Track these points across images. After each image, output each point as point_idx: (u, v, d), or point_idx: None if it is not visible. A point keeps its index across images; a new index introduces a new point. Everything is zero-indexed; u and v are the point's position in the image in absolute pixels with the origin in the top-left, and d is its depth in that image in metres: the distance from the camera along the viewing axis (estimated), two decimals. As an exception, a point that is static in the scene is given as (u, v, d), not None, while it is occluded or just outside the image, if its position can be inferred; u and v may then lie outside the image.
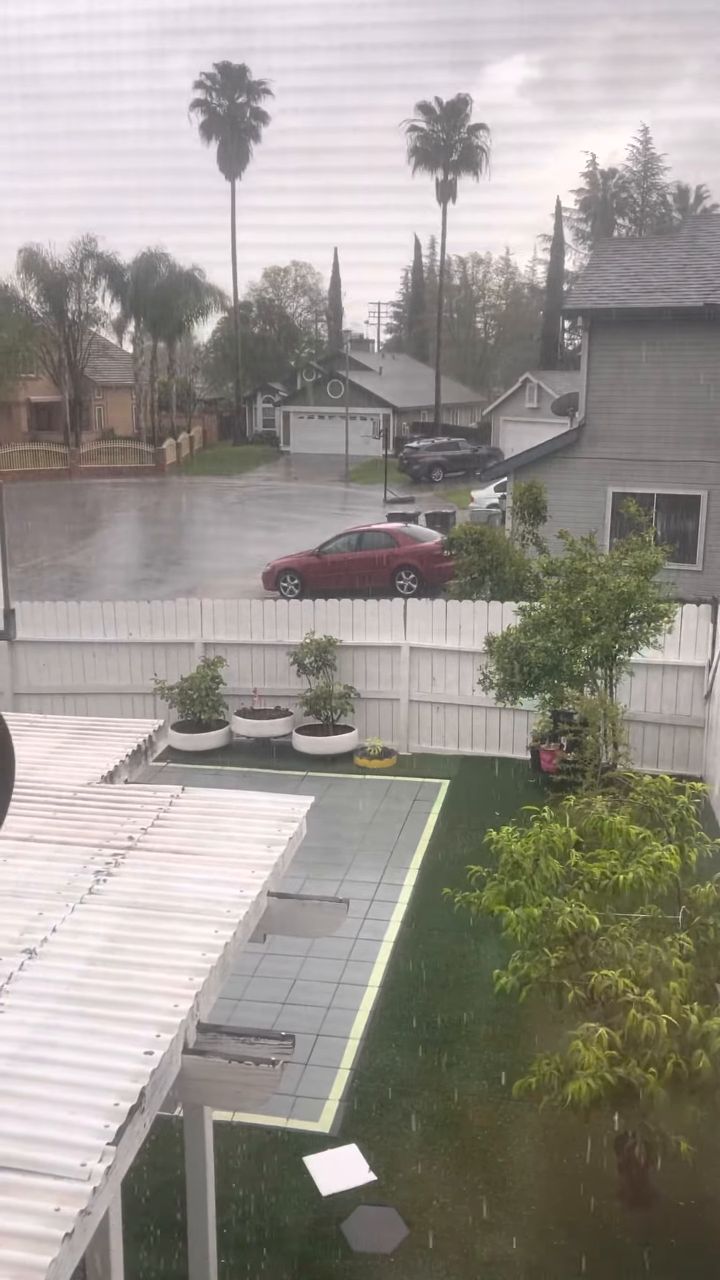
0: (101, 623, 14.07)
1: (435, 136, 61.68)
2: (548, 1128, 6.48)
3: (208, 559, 29.96)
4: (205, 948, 3.70)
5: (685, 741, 12.35)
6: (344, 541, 24.55)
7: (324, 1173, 6.32)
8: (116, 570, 28.60)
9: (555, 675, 10.33)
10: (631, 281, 20.86)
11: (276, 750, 13.42)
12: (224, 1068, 3.42)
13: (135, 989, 3.49)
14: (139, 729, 5.94)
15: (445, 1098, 6.95)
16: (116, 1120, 2.89)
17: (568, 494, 19.42)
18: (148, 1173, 5.96)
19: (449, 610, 13.39)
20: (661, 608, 10.18)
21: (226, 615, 13.99)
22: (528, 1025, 7.39)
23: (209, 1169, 4.56)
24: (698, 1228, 5.80)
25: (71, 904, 4.01)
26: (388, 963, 8.61)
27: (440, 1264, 5.66)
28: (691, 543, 19.73)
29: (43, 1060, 3.16)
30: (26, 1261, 2.46)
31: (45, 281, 52.95)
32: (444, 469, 46.56)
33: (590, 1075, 5.10)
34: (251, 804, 4.99)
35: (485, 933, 8.52)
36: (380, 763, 13.09)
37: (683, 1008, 5.40)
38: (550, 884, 5.92)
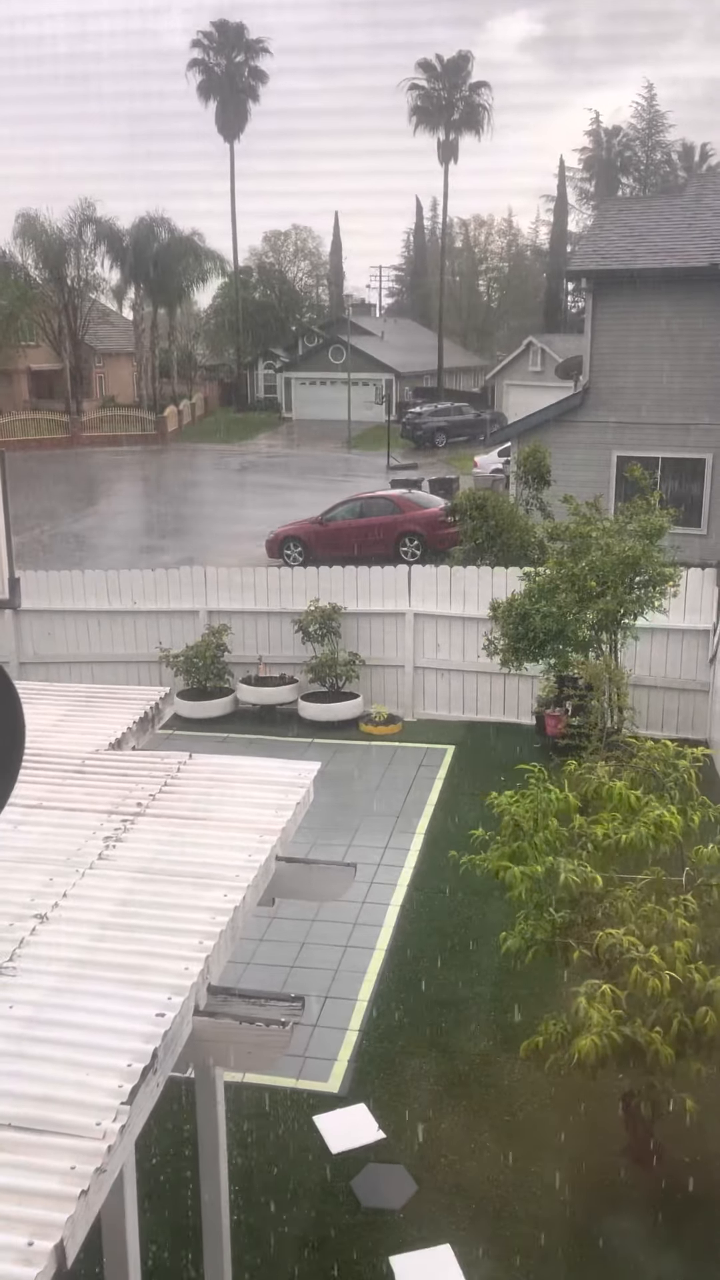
0: (106, 591, 14.07)
1: (436, 95, 60.77)
2: (554, 1087, 6.56)
3: (211, 527, 29.88)
4: (215, 911, 3.74)
5: (690, 705, 12.37)
6: (347, 509, 24.47)
7: (333, 1132, 6.42)
8: (120, 539, 28.56)
9: (560, 640, 10.33)
10: (636, 242, 20.61)
11: (282, 717, 13.46)
12: (235, 1029, 3.47)
13: (146, 953, 3.52)
14: (145, 696, 5.95)
15: (453, 1058, 7.04)
16: (130, 1081, 2.93)
17: (572, 458, 19.32)
18: (160, 1134, 6.06)
19: (453, 576, 13.37)
20: (667, 572, 10.16)
21: (231, 583, 13.98)
22: (534, 987, 7.47)
23: (220, 1128, 4.63)
24: (703, 1183, 5.89)
25: (81, 870, 4.04)
26: (394, 926, 8.69)
27: (448, 1219, 5.75)
28: (697, 507, 19.64)
29: (56, 1023, 3.20)
30: (43, 1219, 2.50)
31: (44, 248, 52.43)
32: (447, 434, 46.30)
33: (596, 1034, 5.16)
34: (258, 770, 5.01)
35: (491, 896, 8.59)
36: (385, 729, 13.13)
37: (688, 967, 5.46)
38: (552, 844, 5.96)
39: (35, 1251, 2.42)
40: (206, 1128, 4.60)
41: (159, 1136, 6.05)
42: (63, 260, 52.79)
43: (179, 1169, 5.74)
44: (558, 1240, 5.58)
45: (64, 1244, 2.46)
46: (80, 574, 14.29)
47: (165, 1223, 5.55)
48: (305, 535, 23.86)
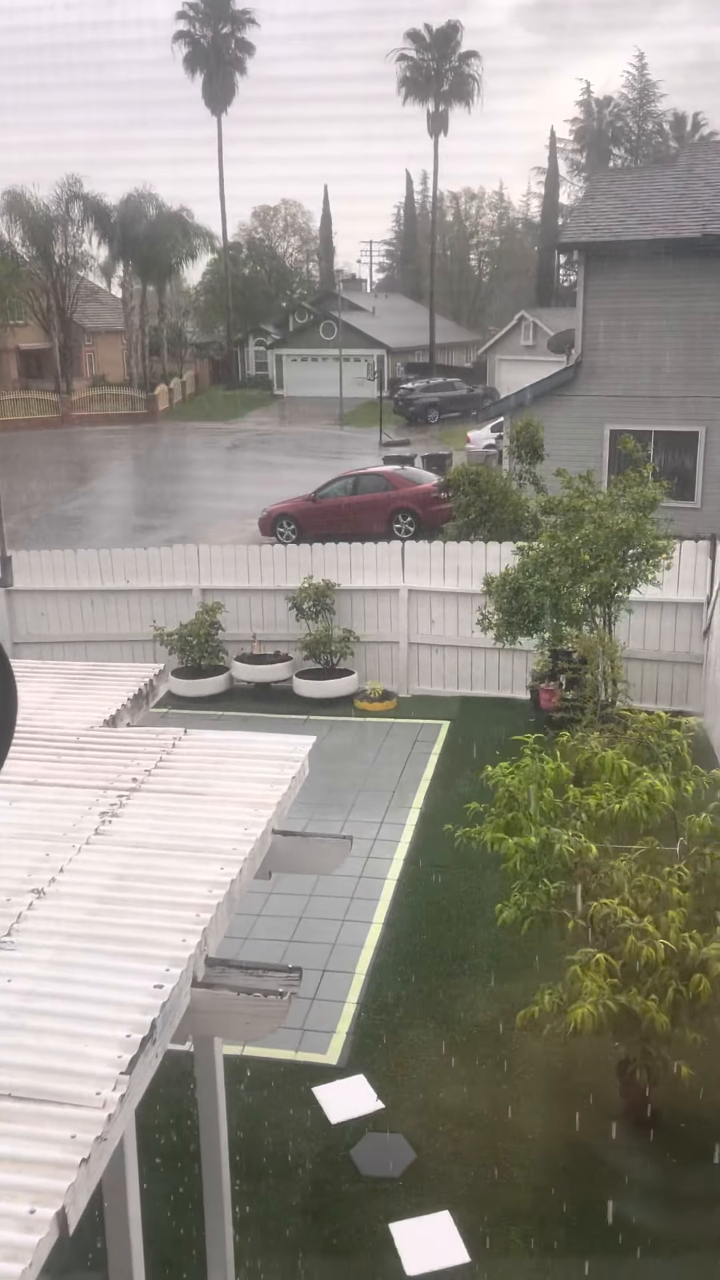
0: (99, 570, 14.04)
1: (425, 66, 60.09)
2: (551, 1056, 6.63)
3: (203, 506, 29.78)
4: (212, 884, 3.75)
5: (684, 678, 12.40)
6: (340, 485, 24.40)
7: (332, 1102, 6.48)
8: (112, 518, 28.47)
9: (554, 614, 10.33)
10: (628, 213, 20.47)
11: (277, 695, 13.48)
12: (232, 1000, 3.48)
13: (143, 925, 3.53)
14: (140, 674, 5.95)
15: (450, 1029, 7.10)
16: (129, 1051, 2.94)
17: (565, 432, 19.24)
18: (162, 1107, 6.10)
19: (447, 552, 13.35)
20: (660, 544, 10.16)
21: (224, 561, 13.96)
22: (530, 958, 7.52)
23: (220, 1098, 4.67)
24: (697, 1148, 5.96)
25: (78, 845, 4.05)
26: (391, 900, 8.73)
27: (446, 1186, 5.82)
28: (689, 480, 19.60)
29: (55, 995, 3.21)
30: (45, 1186, 2.52)
31: (30, 225, 51.86)
32: (440, 410, 46.10)
33: (592, 1003, 5.21)
34: (254, 745, 5.01)
35: (487, 869, 8.63)
36: (380, 705, 13.16)
37: (682, 935, 5.50)
38: (546, 815, 5.99)
39: (37, 1219, 2.44)
40: (206, 1098, 4.64)
41: (160, 1109, 6.10)
42: (50, 237, 52.26)
43: (181, 1141, 5.79)
44: (556, 1206, 5.65)
45: (65, 1211, 2.48)
46: (73, 553, 14.25)
47: (167, 1193, 5.61)
48: (298, 513, 23.79)
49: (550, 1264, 5.33)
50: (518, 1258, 5.38)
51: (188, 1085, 4.92)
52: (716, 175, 21.20)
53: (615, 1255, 5.35)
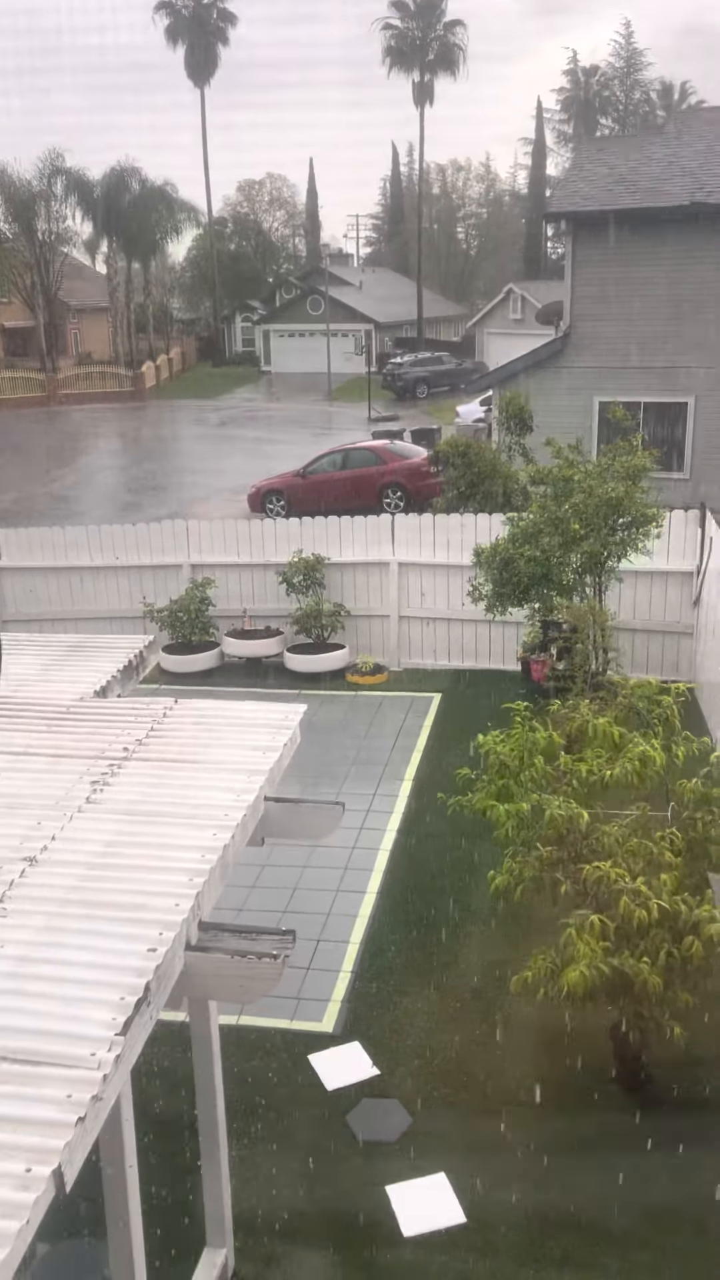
0: (88, 547, 13.98)
1: (410, 35, 59.42)
2: (545, 1020, 6.66)
3: (192, 483, 29.65)
4: (204, 849, 3.75)
5: (674, 647, 12.42)
6: (329, 461, 24.28)
7: (329, 1069, 6.52)
8: (100, 497, 28.32)
9: (544, 584, 10.33)
10: (616, 182, 20.30)
11: (268, 670, 13.46)
12: (226, 963, 3.49)
13: (137, 891, 3.53)
14: (130, 645, 5.92)
15: (445, 996, 7.14)
16: (123, 1013, 2.95)
17: (554, 405, 19.17)
18: (159, 1075, 6.14)
19: (437, 525, 13.32)
20: (650, 513, 10.14)
21: (213, 536, 13.90)
22: (524, 925, 7.56)
23: (216, 1062, 4.69)
24: (691, 1108, 6.02)
25: (70, 813, 4.04)
26: (385, 870, 8.77)
27: (443, 1149, 5.87)
28: (679, 451, 19.56)
29: (48, 960, 3.21)
30: (41, 1145, 2.53)
31: (12, 200, 51.28)
32: (428, 385, 45.87)
33: (585, 966, 5.24)
34: (245, 713, 5.01)
35: (480, 839, 8.65)
36: (372, 679, 13.16)
37: (674, 898, 5.53)
38: (538, 783, 6.00)
39: (33, 1177, 2.44)
40: (202, 1061, 4.66)
41: (157, 1077, 6.14)
42: (32, 213, 51.67)
43: (179, 1108, 5.83)
44: (551, 1166, 5.71)
45: (62, 1169, 2.49)
46: (62, 530, 14.18)
47: (166, 1159, 5.64)
48: (287, 488, 23.69)
49: (546, 1223, 5.38)
50: (513, 1217, 5.43)
51: (185, 1056, 4.94)
52: (704, 143, 21.03)
53: (609, 1214, 5.41)
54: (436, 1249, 5.28)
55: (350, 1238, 5.37)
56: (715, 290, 19.00)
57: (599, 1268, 5.14)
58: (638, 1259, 5.17)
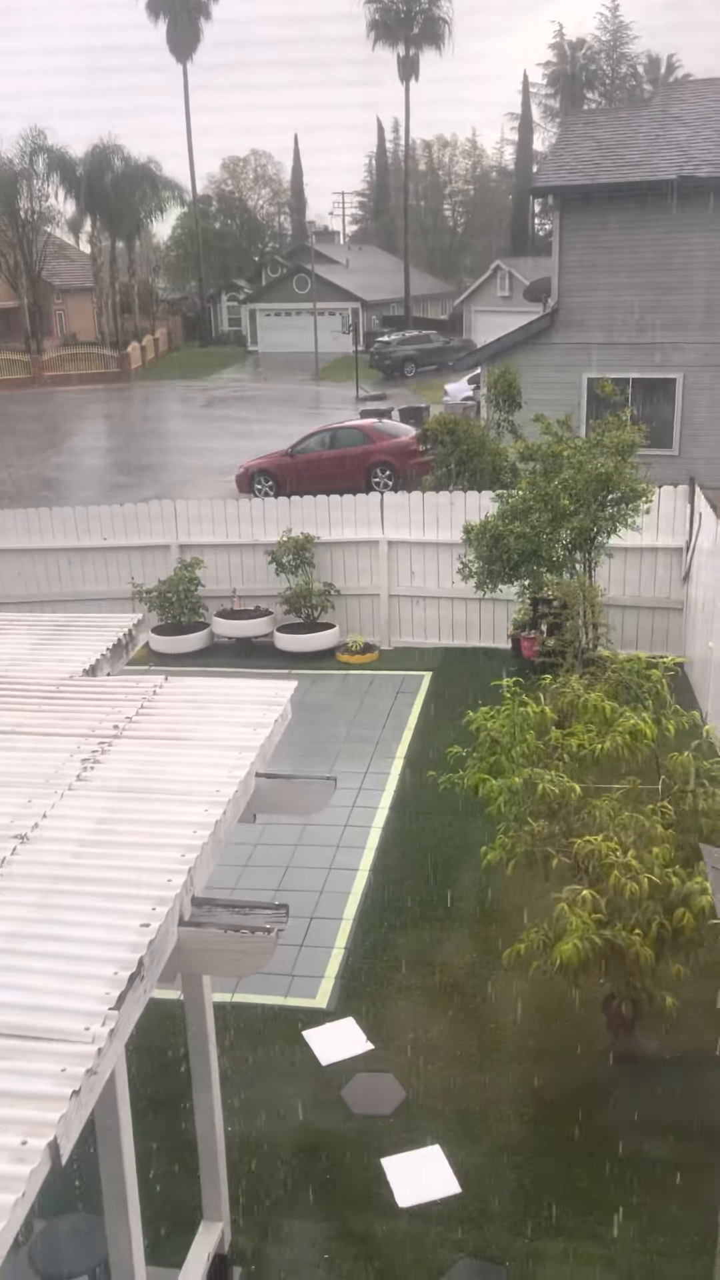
0: (75, 528, 13.91)
1: (395, 8, 58.77)
2: (538, 993, 6.71)
3: (179, 464, 29.50)
4: (197, 825, 3.74)
5: (664, 623, 12.45)
6: (317, 440, 24.18)
7: (323, 1045, 6.55)
8: (87, 478, 28.15)
9: (534, 561, 10.31)
10: (603, 155, 20.17)
11: (258, 650, 13.45)
12: (220, 937, 3.49)
13: (129, 867, 3.52)
14: (118, 624, 5.88)
15: (438, 971, 7.17)
16: (117, 988, 2.94)
17: (542, 381, 19.09)
18: (154, 1053, 6.16)
19: (426, 503, 13.29)
20: (640, 488, 10.13)
21: (202, 516, 13.85)
22: (516, 900, 7.59)
23: (210, 1037, 4.70)
24: (681, 1076, 6.07)
25: (60, 791, 4.02)
26: (377, 847, 8.79)
27: (437, 1121, 5.91)
28: (667, 427, 19.53)
29: (41, 937, 3.20)
30: (36, 1119, 2.53)
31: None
32: (416, 363, 45.68)
33: (578, 937, 5.26)
34: (235, 690, 4.99)
35: (472, 816, 8.69)
36: (362, 658, 13.15)
37: (665, 871, 5.56)
38: (529, 758, 6.01)
39: (29, 1150, 2.44)
40: (197, 1035, 4.67)
41: (153, 1055, 6.15)
42: (14, 191, 51.07)
43: (175, 1087, 5.85)
44: (544, 1137, 5.76)
45: (57, 1142, 2.48)
46: (49, 511, 14.10)
47: (163, 1136, 5.68)
48: (275, 468, 23.60)
49: (539, 1193, 5.43)
50: (508, 1187, 5.47)
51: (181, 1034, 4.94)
52: (692, 116, 20.90)
53: (602, 1182, 5.46)
54: (432, 1219, 5.33)
55: (346, 1209, 5.41)
56: (703, 265, 18.95)
57: (592, 1236, 5.19)
58: (629, 1226, 5.22)
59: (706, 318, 19.12)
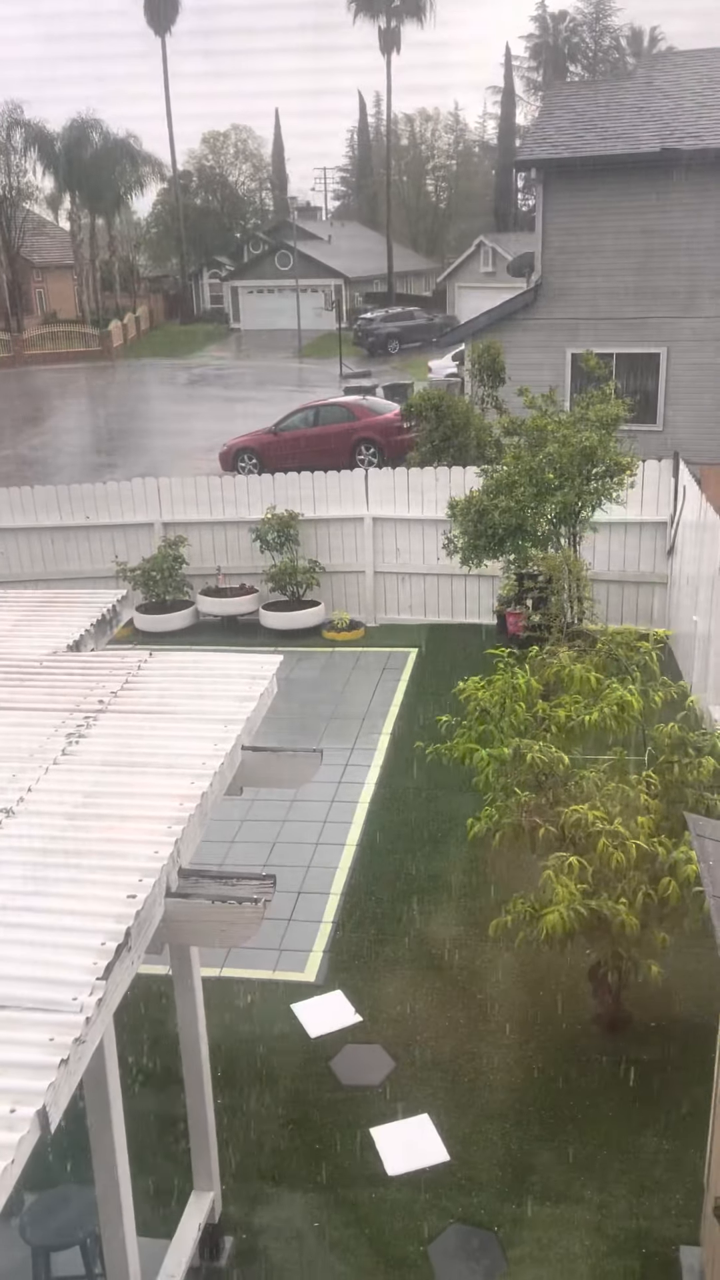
0: (58, 506, 13.81)
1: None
2: (524, 964, 6.76)
3: (162, 442, 29.32)
4: (183, 798, 3.73)
5: (649, 598, 12.48)
6: (301, 417, 24.05)
7: (312, 1017, 6.58)
8: (69, 458, 27.94)
9: (519, 535, 10.30)
10: (586, 128, 20.02)
11: (244, 628, 13.42)
12: (207, 908, 3.49)
13: (115, 839, 3.52)
14: (102, 599, 5.85)
15: (425, 944, 7.21)
16: (105, 958, 2.94)
17: (526, 357, 19.02)
18: (143, 1027, 6.18)
19: (410, 479, 13.24)
20: (624, 461, 10.12)
21: (185, 494, 13.77)
22: (503, 873, 7.63)
23: (199, 1008, 4.71)
24: (667, 1043, 6.13)
25: (46, 765, 4.01)
26: (364, 822, 8.81)
27: (426, 1091, 5.96)
28: (651, 402, 19.49)
29: (28, 909, 3.20)
30: (24, 1087, 2.53)
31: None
32: (400, 340, 45.44)
33: (563, 907, 5.29)
34: (220, 664, 4.98)
35: (458, 790, 8.72)
36: (348, 635, 13.14)
37: (651, 840, 5.59)
38: (517, 728, 6.02)
39: (18, 1118, 2.44)
40: (186, 1009, 4.69)
41: (143, 1029, 6.17)
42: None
43: (165, 1062, 5.87)
44: (531, 1105, 5.81)
45: (46, 1110, 2.49)
46: (30, 490, 13.99)
47: (153, 1109, 5.70)
48: (259, 446, 23.48)
49: (527, 1159, 5.48)
50: (496, 1154, 5.53)
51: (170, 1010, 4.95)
52: (675, 89, 20.75)
53: (589, 1148, 5.52)
54: (421, 1187, 5.38)
55: (336, 1178, 5.45)
56: (687, 239, 18.86)
57: (580, 1200, 5.25)
58: (616, 1191, 5.28)
59: (691, 292, 19.06)
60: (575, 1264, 4.93)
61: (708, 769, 5.98)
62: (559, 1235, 5.07)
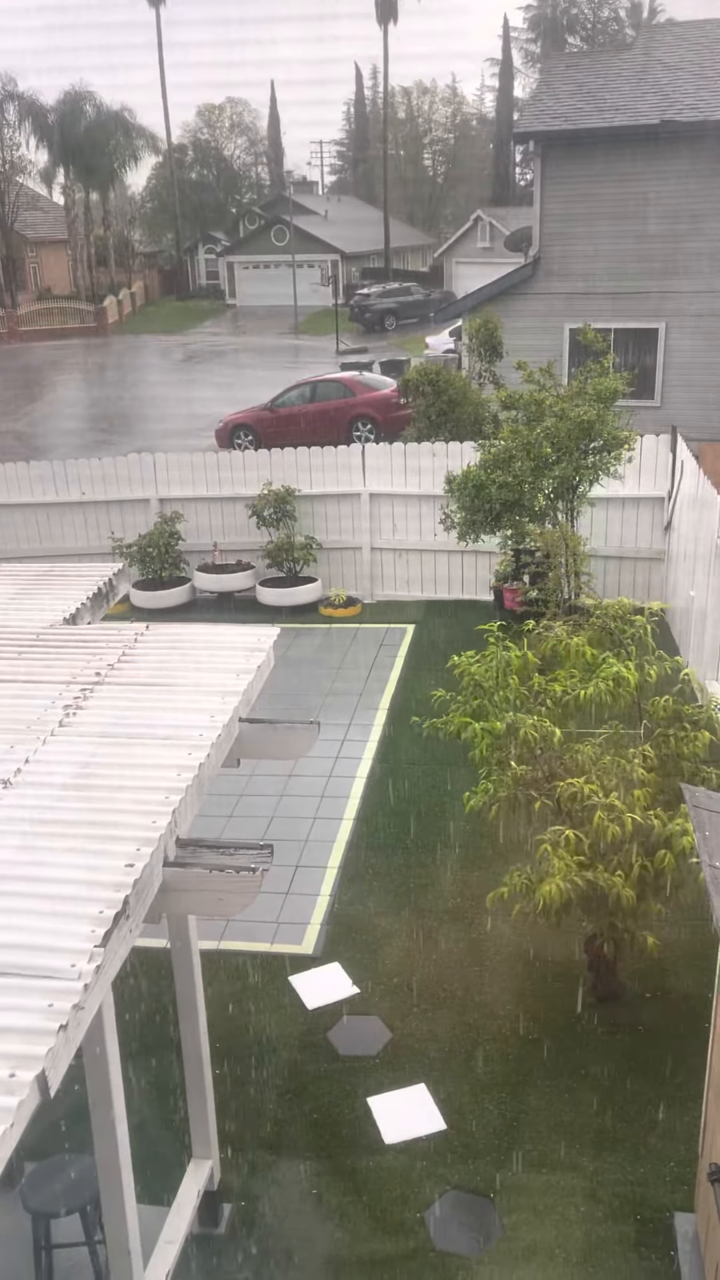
0: (54, 483, 13.76)
1: (372, -53, 57.28)
2: (521, 936, 6.80)
3: (158, 419, 29.17)
4: (180, 768, 3.73)
5: (646, 574, 12.46)
6: (297, 393, 23.93)
7: (309, 989, 6.62)
8: (65, 436, 27.80)
9: (516, 510, 10.28)
10: (584, 100, 19.82)
11: (240, 604, 13.40)
12: (205, 877, 3.50)
13: (113, 809, 3.52)
14: (98, 573, 5.84)
15: (422, 916, 7.25)
16: (103, 926, 2.95)
17: (523, 332, 18.91)
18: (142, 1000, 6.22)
19: (408, 454, 13.20)
20: (622, 435, 10.08)
21: (181, 469, 13.71)
22: (499, 846, 7.66)
23: (196, 978, 4.74)
24: (662, 1014, 6.18)
25: (43, 737, 4.00)
26: (361, 796, 8.83)
27: (422, 1061, 6.00)
28: (649, 378, 19.40)
29: (27, 878, 3.21)
30: (24, 1052, 2.54)
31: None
32: (397, 316, 45.12)
33: (560, 879, 5.31)
34: (217, 636, 4.97)
35: (455, 765, 8.73)
36: (345, 611, 13.13)
37: (647, 813, 5.61)
38: (512, 703, 6.02)
39: (17, 1082, 2.46)
40: (183, 979, 4.71)
41: (142, 1003, 6.21)
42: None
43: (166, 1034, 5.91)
44: (527, 1074, 5.85)
45: (45, 1075, 2.50)
46: (26, 465, 13.92)
47: (153, 1080, 5.75)
48: (255, 422, 23.37)
49: (523, 1128, 5.53)
50: (493, 1123, 5.57)
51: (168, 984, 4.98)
52: (675, 60, 20.54)
53: (584, 1117, 5.57)
54: (418, 1155, 5.43)
55: (333, 1147, 5.50)
56: (685, 212, 18.72)
57: (575, 1168, 5.30)
58: (611, 1159, 5.33)
59: (689, 266, 18.94)
60: (570, 1229, 4.98)
61: (703, 742, 6.00)
62: (554, 1202, 5.12)
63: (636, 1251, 4.87)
